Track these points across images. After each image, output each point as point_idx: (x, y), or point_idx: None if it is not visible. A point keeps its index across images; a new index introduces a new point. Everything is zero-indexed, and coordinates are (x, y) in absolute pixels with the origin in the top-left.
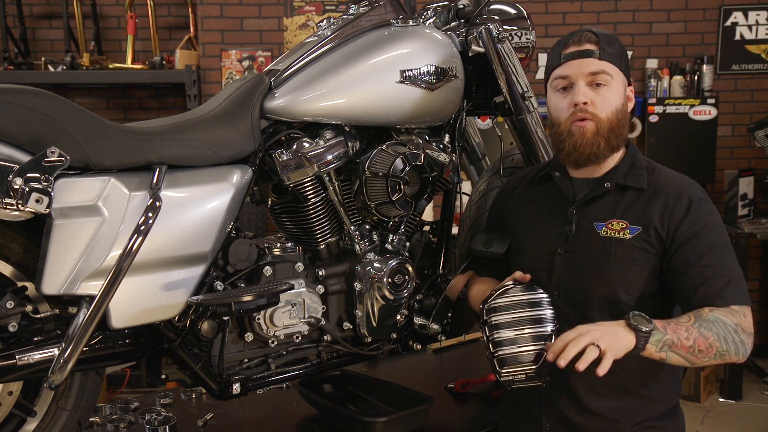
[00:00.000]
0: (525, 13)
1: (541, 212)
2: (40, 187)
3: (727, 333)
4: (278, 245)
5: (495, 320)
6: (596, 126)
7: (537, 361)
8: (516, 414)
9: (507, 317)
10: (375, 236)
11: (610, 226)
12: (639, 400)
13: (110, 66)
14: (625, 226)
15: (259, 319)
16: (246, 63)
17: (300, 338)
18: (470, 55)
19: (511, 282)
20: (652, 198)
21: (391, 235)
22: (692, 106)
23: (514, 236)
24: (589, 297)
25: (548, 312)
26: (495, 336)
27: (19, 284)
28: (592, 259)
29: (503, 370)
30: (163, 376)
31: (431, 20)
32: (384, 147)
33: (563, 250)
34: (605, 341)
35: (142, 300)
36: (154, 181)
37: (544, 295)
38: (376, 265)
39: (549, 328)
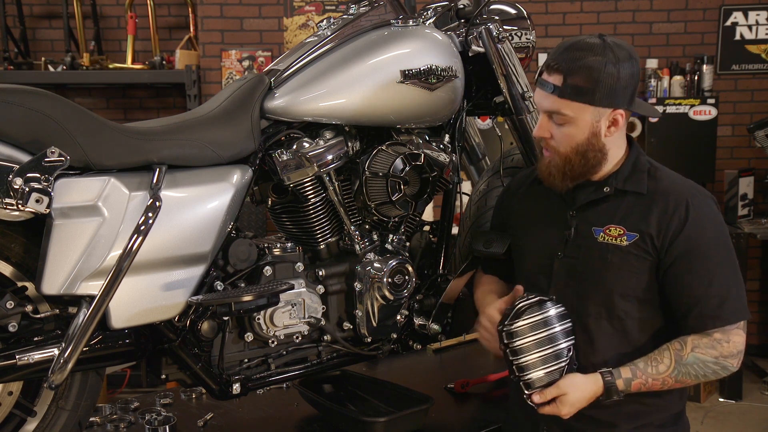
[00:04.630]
0: (525, 13)
1: (542, 215)
2: (40, 187)
3: (707, 369)
4: (278, 245)
5: (516, 345)
6: (553, 159)
7: (560, 377)
8: (518, 416)
9: (527, 341)
10: (375, 236)
11: (607, 231)
12: (637, 406)
13: (110, 66)
14: (622, 232)
15: (259, 319)
16: (246, 63)
17: (300, 338)
18: (470, 55)
19: (521, 302)
20: (651, 204)
21: (391, 235)
22: (692, 106)
23: (517, 237)
24: (586, 303)
25: (566, 326)
26: (519, 361)
27: (19, 284)
28: (589, 265)
29: (530, 392)
30: (163, 376)
31: (431, 20)
32: (384, 147)
33: (562, 254)
34: (570, 412)
35: (142, 300)
36: (154, 181)
37: (561, 309)
38: (376, 265)
39: (568, 343)
